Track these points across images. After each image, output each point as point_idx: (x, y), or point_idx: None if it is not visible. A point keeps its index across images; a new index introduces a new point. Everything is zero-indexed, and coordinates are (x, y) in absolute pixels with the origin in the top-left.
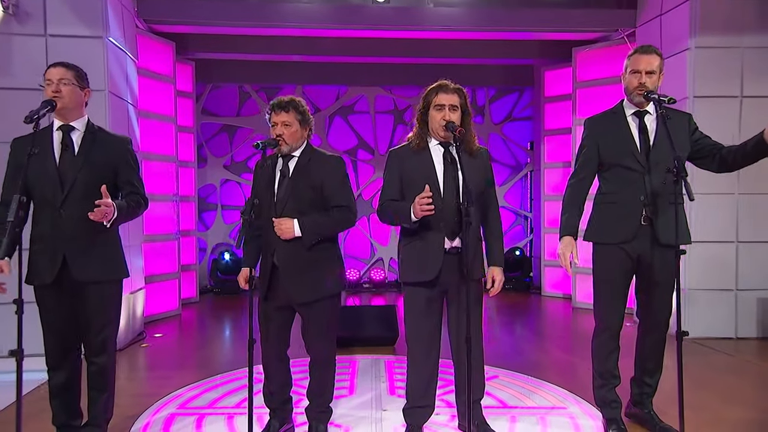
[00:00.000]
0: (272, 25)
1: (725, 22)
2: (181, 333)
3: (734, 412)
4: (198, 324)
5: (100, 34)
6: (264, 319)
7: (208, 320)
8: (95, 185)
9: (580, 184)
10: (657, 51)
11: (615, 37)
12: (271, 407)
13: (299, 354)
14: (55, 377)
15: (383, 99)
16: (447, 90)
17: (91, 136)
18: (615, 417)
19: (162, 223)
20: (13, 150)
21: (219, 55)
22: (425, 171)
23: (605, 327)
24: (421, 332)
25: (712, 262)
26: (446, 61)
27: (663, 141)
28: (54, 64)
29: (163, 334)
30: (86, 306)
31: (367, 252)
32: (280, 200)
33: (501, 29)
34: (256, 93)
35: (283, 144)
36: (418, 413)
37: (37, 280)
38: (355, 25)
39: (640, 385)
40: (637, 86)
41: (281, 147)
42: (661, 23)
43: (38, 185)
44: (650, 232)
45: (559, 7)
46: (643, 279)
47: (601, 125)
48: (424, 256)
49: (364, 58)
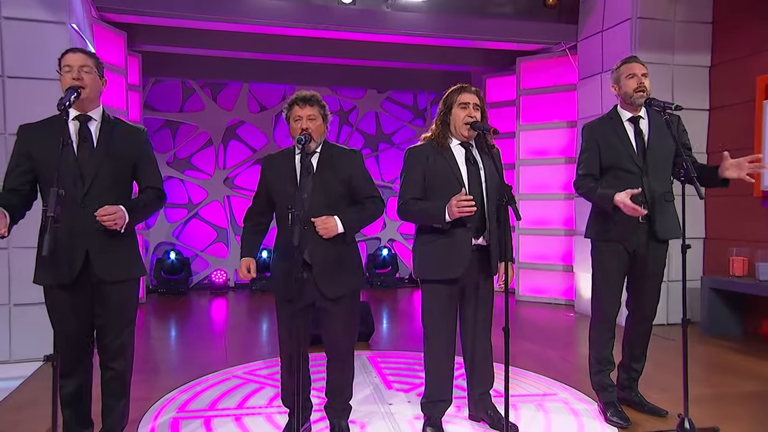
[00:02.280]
0: (234, 21)
1: (658, 41)
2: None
3: (696, 390)
4: (153, 325)
5: (64, 19)
6: (288, 318)
7: (161, 321)
8: (116, 179)
9: (587, 178)
10: (641, 61)
11: (556, 49)
12: (292, 407)
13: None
14: (68, 385)
15: (329, 99)
16: (469, 90)
17: (108, 127)
18: (612, 400)
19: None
20: (20, 137)
21: (166, 48)
22: (449, 170)
23: (604, 317)
24: (442, 329)
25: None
26: (391, 64)
27: (657, 144)
28: (73, 50)
29: None
30: (106, 307)
31: None
32: (310, 196)
33: (453, 36)
34: (201, 89)
35: (312, 142)
36: (438, 407)
37: (53, 280)
38: (316, 25)
39: (628, 371)
40: (636, 87)
41: (310, 144)
42: (602, 39)
43: (53, 177)
44: (647, 228)
45: (505, 19)
46: (636, 272)
47: (600, 130)
48: (451, 254)
49: (311, 58)
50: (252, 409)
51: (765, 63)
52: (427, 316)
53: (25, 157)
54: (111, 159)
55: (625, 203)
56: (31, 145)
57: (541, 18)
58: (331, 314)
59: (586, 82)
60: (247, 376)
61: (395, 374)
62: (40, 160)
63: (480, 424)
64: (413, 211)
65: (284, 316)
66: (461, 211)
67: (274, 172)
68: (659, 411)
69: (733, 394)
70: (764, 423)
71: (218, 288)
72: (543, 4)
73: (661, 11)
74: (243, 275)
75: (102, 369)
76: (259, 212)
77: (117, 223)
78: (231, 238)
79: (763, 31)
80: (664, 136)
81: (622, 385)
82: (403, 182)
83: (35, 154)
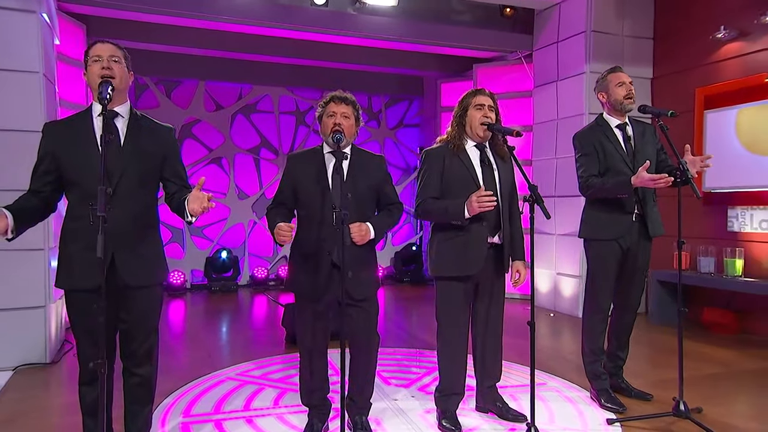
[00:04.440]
0: (203, 18)
1: (609, 54)
2: None
3: (659, 374)
4: None
5: (34, 8)
6: (312, 317)
7: None
8: (143, 178)
9: (592, 178)
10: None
11: (511, 57)
12: (312, 405)
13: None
14: (91, 393)
15: (286, 100)
16: (484, 93)
17: (136, 124)
18: (605, 387)
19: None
20: (45, 136)
21: (122, 42)
22: (466, 171)
23: (599, 310)
24: (457, 324)
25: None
26: (347, 66)
27: (642, 148)
28: (101, 41)
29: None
30: (132, 312)
31: (270, 250)
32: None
33: (416, 41)
34: (155, 85)
35: (344, 138)
36: (452, 399)
37: (78, 284)
38: (286, 25)
39: (614, 359)
40: (626, 94)
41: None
42: (557, 49)
43: (80, 177)
44: (638, 227)
45: (465, 27)
46: (626, 267)
47: (594, 137)
48: (468, 252)
49: (269, 57)
50: (261, 410)
51: (703, 76)
52: (444, 312)
53: (50, 155)
54: (139, 157)
55: (646, 179)
56: (55, 144)
57: (498, 27)
58: (358, 313)
59: (541, 89)
60: (241, 378)
61: (389, 370)
62: (64, 159)
63: (488, 415)
64: (432, 209)
65: (306, 316)
66: (481, 206)
67: (302, 170)
68: (645, 395)
69: (698, 377)
70: (741, 402)
71: (175, 289)
72: (500, 14)
73: (611, 26)
74: (285, 239)
75: (126, 375)
76: (282, 211)
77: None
78: (187, 238)
79: (699, 47)
80: (646, 142)
81: (609, 373)
82: (420, 183)
83: (59, 152)
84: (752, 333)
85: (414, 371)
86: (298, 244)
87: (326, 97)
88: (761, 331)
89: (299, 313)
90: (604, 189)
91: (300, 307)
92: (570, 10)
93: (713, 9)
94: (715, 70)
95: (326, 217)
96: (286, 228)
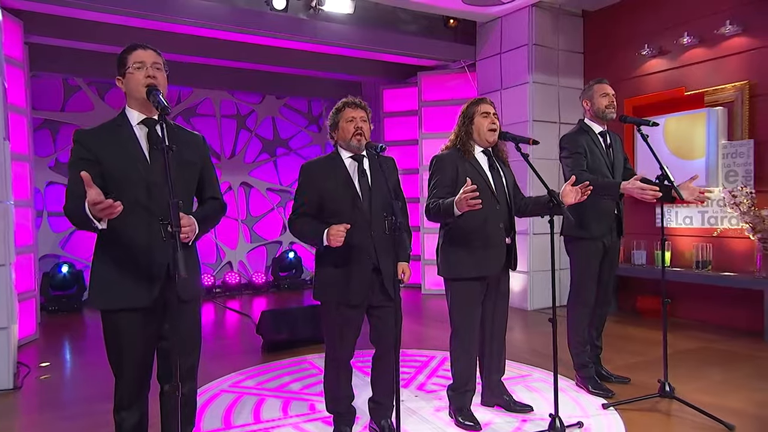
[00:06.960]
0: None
1: (547, 66)
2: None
3: (623, 359)
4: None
5: None
6: (345, 324)
7: (70, 342)
8: (187, 187)
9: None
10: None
11: (454, 66)
12: (339, 412)
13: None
14: (130, 418)
15: (226, 103)
16: (487, 102)
17: (174, 133)
18: (592, 375)
19: (20, 234)
20: (81, 143)
21: (56, 41)
22: (478, 176)
23: (585, 305)
24: (472, 323)
25: (542, 249)
26: (287, 70)
27: (617, 155)
28: (142, 46)
29: (49, 362)
30: (180, 327)
31: (214, 256)
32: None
33: (365, 48)
34: (87, 86)
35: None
36: (466, 396)
37: (126, 303)
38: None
39: (594, 349)
40: (608, 104)
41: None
42: (500, 60)
43: (127, 187)
44: (615, 226)
45: (411, 35)
46: (604, 263)
47: (582, 139)
48: (487, 253)
49: (209, 60)
50: (273, 421)
51: (630, 88)
52: (460, 312)
53: (94, 162)
54: (183, 166)
55: (635, 188)
56: (98, 151)
57: (441, 37)
58: (387, 312)
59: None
60: (235, 390)
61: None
62: (110, 168)
63: (494, 409)
64: (435, 211)
65: (339, 321)
66: (469, 203)
67: (326, 177)
68: (623, 380)
69: (656, 360)
70: (705, 379)
71: None
72: (444, 25)
73: (548, 40)
74: (343, 235)
75: (166, 397)
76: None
77: (189, 237)
78: None
79: (625, 61)
80: (617, 151)
81: (591, 361)
82: (432, 186)
83: (104, 160)
84: (678, 317)
85: (406, 371)
86: (329, 250)
87: (339, 104)
88: (685, 315)
89: (329, 321)
90: (597, 184)
91: (331, 315)
92: (511, 23)
93: (636, 28)
94: (641, 83)
95: (358, 222)
96: (342, 228)
